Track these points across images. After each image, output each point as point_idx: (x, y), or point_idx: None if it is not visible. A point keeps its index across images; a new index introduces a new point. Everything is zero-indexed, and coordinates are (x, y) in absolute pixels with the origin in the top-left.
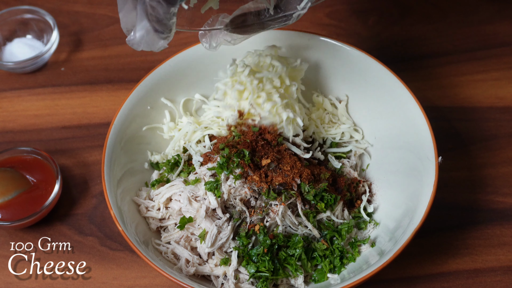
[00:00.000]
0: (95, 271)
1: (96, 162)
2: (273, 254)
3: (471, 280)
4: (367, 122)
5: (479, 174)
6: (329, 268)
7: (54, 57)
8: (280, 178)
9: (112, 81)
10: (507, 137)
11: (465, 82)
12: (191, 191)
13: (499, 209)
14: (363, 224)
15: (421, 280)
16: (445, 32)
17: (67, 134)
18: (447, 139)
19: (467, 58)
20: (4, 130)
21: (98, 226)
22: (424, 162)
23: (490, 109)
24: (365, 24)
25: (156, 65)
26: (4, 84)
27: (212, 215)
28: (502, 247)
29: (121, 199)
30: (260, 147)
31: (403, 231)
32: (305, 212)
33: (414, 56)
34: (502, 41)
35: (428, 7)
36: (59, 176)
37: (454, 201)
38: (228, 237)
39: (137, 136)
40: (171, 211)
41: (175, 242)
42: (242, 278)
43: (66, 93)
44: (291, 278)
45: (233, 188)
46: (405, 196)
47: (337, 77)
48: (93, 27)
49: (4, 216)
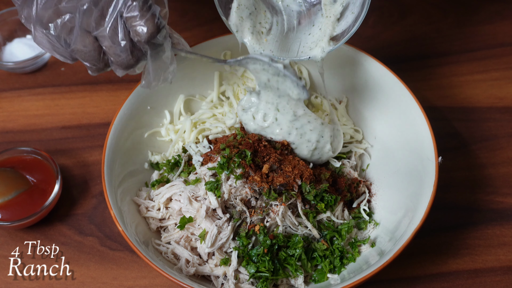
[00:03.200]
0: (95, 271)
1: (96, 162)
2: (273, 254)
3: (471, 280)
4: (367, 122)
5: (479, 174)
6: (329, 268)
7: (54, 57)
8: (281, 179)
9: (112, 81)
10: (507, 137)
11: (465, 82)
12: (192, 191)
13: (499, 209)
14: (363, 224)
15: (421, 280)
16: (445, 32)
17: (67, 134)
18: (447, 139)
19: (467, 58)
20: (4, 130)
21: (98, 226)
22: (424, 162)
23: (490, 109)
24: (365, 24)
25: None
26: (4, 84)
27: (212, 215)
28: (502, 247)
29: (121, 199)
30: (262, 147)
31: (403, 231)
32: (305, 212)
33: (414, 56)
34: (502, 41)
35: (428, 7)
36: (59, 176)
37: (454, 201)
38: (228, 237)
39: (137, 136)
40: (171, 211)
41: (175, 242)
42: (242, 278)
43: (66, 93)
44: (291, 278)
45: (233, 188)
46: (405, 196)
47: (336, 78)
48: None
49: (4, 216)
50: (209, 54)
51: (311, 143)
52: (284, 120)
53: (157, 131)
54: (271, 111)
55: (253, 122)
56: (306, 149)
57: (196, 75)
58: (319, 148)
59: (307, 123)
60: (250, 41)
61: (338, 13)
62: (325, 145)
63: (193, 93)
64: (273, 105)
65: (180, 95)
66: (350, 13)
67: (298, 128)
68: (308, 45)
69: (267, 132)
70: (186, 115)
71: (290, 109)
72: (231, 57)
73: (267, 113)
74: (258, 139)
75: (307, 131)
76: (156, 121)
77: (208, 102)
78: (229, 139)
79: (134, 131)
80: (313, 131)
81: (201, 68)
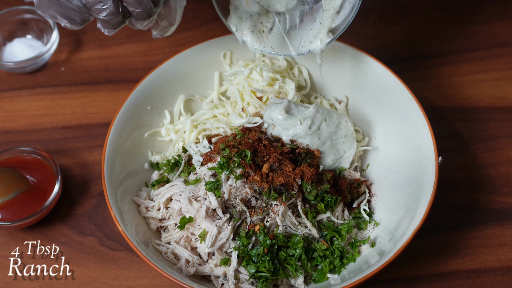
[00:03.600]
0: (95, 271)
1: (96, 162)
2: (273, 254)
3: (471, 280)
4: (367, 122)
5: (479, 174)
6: (329, 268)
7: (54, 57)
8: (281, 179)
9: (112, 81)
10: (507, 137)
11: (465, 82)
12: (192, 191)
13: (499, 209)
14: (363, 224)
15: (421, 280)
16: (445, 32)
17: (67, 134)
18: (447, 139)
19: (467, 58)
20: (4, 130)
21: (98, 226)
22: (424, 162)
23: (490, 109)
24: (365, 24)
25: (156, 65)
26: (4, 84)
27: (212, 215)
28: (502, 247)
29: (121, 199)
30: (262, 147)
31: (403, 231)
32: (304, 211)
33: (414, 56)
34: (502, 41)
35: (428, 7)
36: (59, 176)
37: (454, 201)
38: (228, 237)
39: (137, 136)
40: (171, 211)
41: (175, 242)
42: (242, 278)
43: (66, 93)
44: (291, 278)
45: (233, 188)
46: (405, 196)
47: (336, 78)
48: (93, 27)
49: (4, 216)
50: (209, 54)
51: (339, 153)
52: (325, 131)
53: (157, 131)
54: (318, 120)
55: (298, 128)
56: (331, 158)
57: (196, 75)
58: (341, 157)
59: (344, 137)
60: (250, 40)
61: (337, 6)
62: (349, 156)
63: (193, 93)
64: (322, 115)
65: (180, 95)
66: (347, 3)
67: (334, 139)
68: (308, 40)
69: (306, 140)
70: (186, 115)
71: (336, 119)
72: (231, 57)
73: (314, 121)
74: (258, 139)
75: (340, 143)
76: (156, 121)
77: (208, 102)
78: (228, 139)
79: (134, 131)
80: (346, 143)
81: (201, 68)
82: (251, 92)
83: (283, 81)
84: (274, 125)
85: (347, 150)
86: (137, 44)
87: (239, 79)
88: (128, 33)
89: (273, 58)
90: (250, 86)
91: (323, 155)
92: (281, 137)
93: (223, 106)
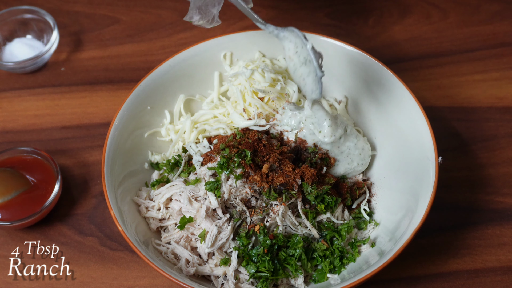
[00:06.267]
0: (95, 271)
1: (96, 162)
2: (273, 254)
3: (471, 280)
4: (367, 122)
5: (479, 174)
6: (329, 268)
7: (54, 57)
8: (281, 179)
9: (112, 81)
10: (507, 137)
11: (465, 82)
12: (192, 191)
13: (499, 209)
14: (363, 224)
15: (421, 280)
16: (445, 32)
17: (67, 134)
18: (447, 139)
19: (467, 58)
20: (4, 130)
21: (98, 226)
22: (424, 162)
23: (490, 109)
24: (365, 24)
25: (156, 65)
26: (4, 84)
27: (212, 215)
28: (502, 247)
29: (121, 199)
30: (262, 147)
31: (403, 231)
32: (305, 211)
33: (414, 56)
34: (502, 41)
35: (428, 7)
36: (59, 176)
37: (454, 201)
38: (228, 237)
39: (137, 136)
40: (171, 211)
41: (175, 242)
42: (242, 278)
43: (66, 93)
44: (291, 278)
45: (233, 188)
46: (405, 196)
47: (336, 78)
48: (93, 27)
49: (4, 216)
50: (209, 54)
51: (354, 162)
52: (346, 143)
53: (157, 131)
54: (340, 129)
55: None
56: (343, 168)
57: (196, 75)
58: (353, 169)
59: (362, 149)
60: None
61: None
62: (360, 170)
63: (193, 93)
64: (343, 124)
65: (180, 95)
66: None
67: (352, 148)
68: None
69: (327, 147)
70: (186, 115)
71: (355, 133)
72: (232, 57)
73: (335, 132)
74: (258, 139)
75: (355, 153)
76: (156, 121)
77: (208, 103)
78: (228, 139)
79: (134, 131)
80: (361, 154)
81: (201, 68)
82: (253, 93)
83: (284, 82)
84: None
85: (360, 164)
86: (137, 44)
87: (240, 80)
88: (128, 33)
89: (273, 59)
90: (252, 87)
91: (337, 163)
92: (306, 140)
93: (223, 106)
